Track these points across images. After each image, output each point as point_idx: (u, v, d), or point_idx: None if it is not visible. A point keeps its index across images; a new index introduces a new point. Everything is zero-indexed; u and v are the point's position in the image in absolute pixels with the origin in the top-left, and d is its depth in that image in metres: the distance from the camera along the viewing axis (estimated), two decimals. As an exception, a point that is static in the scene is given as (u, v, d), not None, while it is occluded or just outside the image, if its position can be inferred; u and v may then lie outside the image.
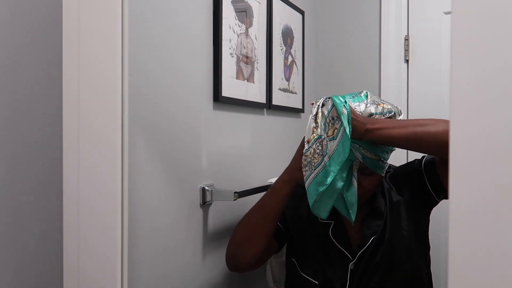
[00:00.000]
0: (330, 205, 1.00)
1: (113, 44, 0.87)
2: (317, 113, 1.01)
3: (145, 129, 1.04)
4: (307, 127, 1.01)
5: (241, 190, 1.26)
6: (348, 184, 1.02)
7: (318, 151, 0.98)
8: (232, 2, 1.34)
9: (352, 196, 1.02)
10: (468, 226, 0.43)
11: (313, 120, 1.01)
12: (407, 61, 1.91)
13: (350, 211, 1.02)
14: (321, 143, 0.99)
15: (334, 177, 0.96)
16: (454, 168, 0.44)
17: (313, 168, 0.99)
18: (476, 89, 0.43)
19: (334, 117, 0.99)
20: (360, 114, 1.02)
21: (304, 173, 1.01)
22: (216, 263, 1.30)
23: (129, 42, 0.89)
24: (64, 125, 0.91)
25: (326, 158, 0.97)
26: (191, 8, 1.19)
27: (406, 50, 1.90)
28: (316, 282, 1.11)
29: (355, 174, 1.03)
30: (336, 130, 0.98)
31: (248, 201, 1.46)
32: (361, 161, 1.02)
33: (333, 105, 0.99)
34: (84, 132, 0.89)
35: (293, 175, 1.06)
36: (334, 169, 0.96)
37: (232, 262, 1.17)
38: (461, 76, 0.44)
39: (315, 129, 1.00)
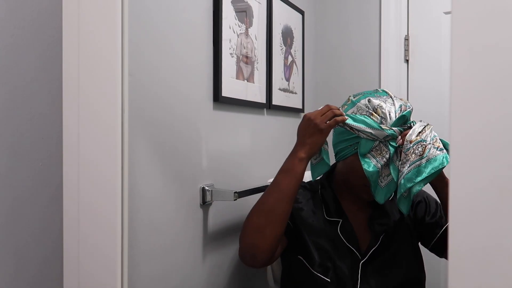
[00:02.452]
0: (410, 203, 1.08)
1: (113, 45, 0.87)
2: (427, 125, 1.08)
3: (145, 129, 1.04)
4: (412, 129, 1.07)
5: (241, 190, 1.26)
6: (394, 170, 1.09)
7: (417, 152, 1.03)
8: (232, 2, 1.34)
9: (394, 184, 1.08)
10: (468, 226, 0.43)
11: (422, 127, 1.07)
12: (407, 61, 1.91)
13: (384, 196, 1.09)
14: (423, 147, 1.04)
15: (424, 178, 1.02)
16: (454, 168, 0.44)
17: (408, 165, 1.04)
18: (476, 89, 0.43)
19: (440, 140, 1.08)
20: (391, 106, 1.09)
21: (400, 167, 1.06)
22: (216, 263, 1.30)
23: (129, 43, 0.89)
24: (64, 125, 0.91)
25: (424, 160, 1.03)
26: (191, 8, 1.19)
27: (406, 50, 1.90)
28: (328, 280, 1.11)
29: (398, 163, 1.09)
30: (440, 146, 1.05)
31: (248, 201, 1.46)
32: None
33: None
34: (84, 133, 0.89)
35: (311, 150, 1.07)
36: (427, 171, 1.01)
37: (250, 252, 1.08)
38: (461, 76, 0.44)
39: (421, 134, 1.06)
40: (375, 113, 1.08)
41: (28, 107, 0.90)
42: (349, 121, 1.08)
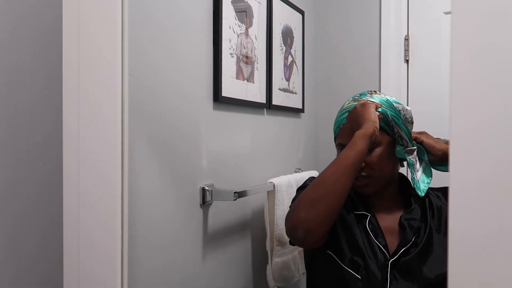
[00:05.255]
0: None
1: (113, 45, 0.87)
2: None
3: (145, 129, 1.04)
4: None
5: (241, 190, 1.26)
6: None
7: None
8: (232, 2, 1.34)
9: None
10: (468, 226, 0.43)
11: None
12: (407, 61, 1.91)
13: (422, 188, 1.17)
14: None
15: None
16: (454, 168, 0.44)
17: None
18: (476, 88, 0.43)
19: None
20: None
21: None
22: (216, 263, 1.31)
23: (129, 43, 0.89)
24: (64, 126, 0.91)
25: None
26: (191, 8, 1.20)
27: (406, 50, 1.90)
28: (359, 276, 1.07)
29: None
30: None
31: (248, 201, 1.46)
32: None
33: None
34: (84, 132, 0.89)
35: (367, 125, 1.08)
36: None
37: (304, 226, 1.00)
38: (461, 76, 0.44)
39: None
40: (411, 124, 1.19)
41: (27, 106, 0.90)
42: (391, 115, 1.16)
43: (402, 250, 1.09)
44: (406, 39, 1.90)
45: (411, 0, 1.90)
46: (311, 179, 1.26)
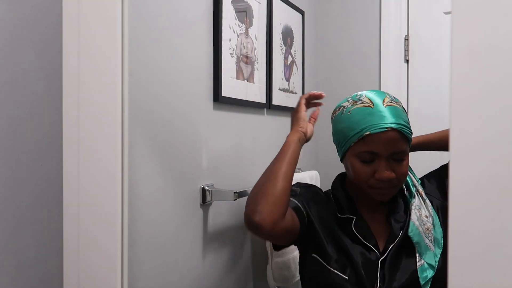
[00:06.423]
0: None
1: (113, 45, 0.87)
2: None
3: (145, 129, 1.04)
4: None
5: (241, 190, 1.26)
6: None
7: None
8: (232, 2, 1.34)
9: None
10: (468, 226, 0.43)
11: None
12: (407, 61, 1.91)
13: None
14: None
15: None
16: (454, 167, 0.44)
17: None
18: (476, 88, 0.43)
19: None
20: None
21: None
22: (215, 263, 1.31)
23: (129, 43, 0.89)
24: (64, 126, 0.91)
25: None
26: (191, 8, 1.20)
27: (406, 50, 1.90)
28: (346, 277, 1.07)
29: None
30: None
31: (248, 201, 1.46)
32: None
33: None
34: (84, 133, 0.89)
35: (295, 125, 1.23)
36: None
37: (251, 212, 1.02)
38: (461, 76, 0.44)
39: None
40: None
41: (28, 106, 0.90)
42: None
43: (390, 248, 1.09)
44: (406, 39, 1.90)
45: (411, 0, 1.90)
46: (297, 185, 1.24)
